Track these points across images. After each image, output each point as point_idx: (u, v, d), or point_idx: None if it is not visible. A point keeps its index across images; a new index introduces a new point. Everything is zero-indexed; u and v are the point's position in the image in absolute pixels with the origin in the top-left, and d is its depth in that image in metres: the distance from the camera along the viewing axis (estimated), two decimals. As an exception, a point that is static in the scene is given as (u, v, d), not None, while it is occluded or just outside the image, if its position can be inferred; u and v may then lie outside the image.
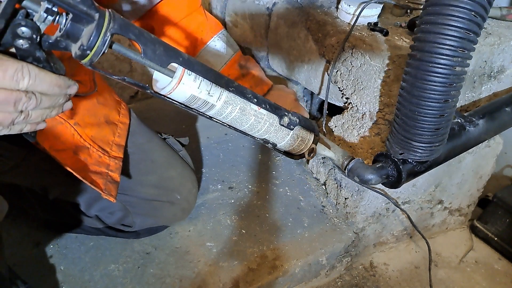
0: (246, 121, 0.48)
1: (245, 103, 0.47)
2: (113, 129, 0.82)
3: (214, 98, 0.44)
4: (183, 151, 0.98)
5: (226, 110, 0.46)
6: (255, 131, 0.50)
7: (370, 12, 0.89)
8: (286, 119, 0.52)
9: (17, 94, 0.40)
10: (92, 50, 0.36)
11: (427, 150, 0.68)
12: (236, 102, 0.46)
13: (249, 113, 0.48)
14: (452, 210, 1.21)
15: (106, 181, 0.74)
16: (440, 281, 1.09)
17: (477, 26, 0.56)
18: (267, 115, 0.50)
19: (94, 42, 0.35)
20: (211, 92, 0.44)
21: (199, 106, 0.44)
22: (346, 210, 1.03)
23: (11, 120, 0.42)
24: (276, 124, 0.51)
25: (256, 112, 0.49)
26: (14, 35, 0.36)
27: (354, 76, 0.89)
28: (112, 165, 0.77)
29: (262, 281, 0.87)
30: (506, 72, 0.94)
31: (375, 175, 0.73)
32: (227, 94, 0.45)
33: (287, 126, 0.53)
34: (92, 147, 0.75)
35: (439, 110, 0.63)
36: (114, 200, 0.73)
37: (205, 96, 0.43)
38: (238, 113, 0.47)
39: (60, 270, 0.85)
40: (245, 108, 0.47)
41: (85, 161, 0.73)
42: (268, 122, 0.50)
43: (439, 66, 0.58)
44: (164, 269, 0.87)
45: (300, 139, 0.55)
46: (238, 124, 0.48)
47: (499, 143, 1.11)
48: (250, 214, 1.03)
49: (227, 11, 1.32)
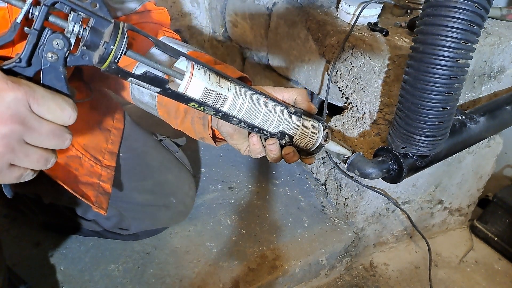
0: (259, 111, 0.49)
1: (252, 93, 0.48)
2: (106, 135, 0.80)
3: (225, 90, 0.45)
4: (179, 153, 0.96)
5: (239, 101, 0.46)
6: (269, 123, 0.50)
7: (370, 12, 0.89)
8: (291, 108, 0.53)
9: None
10: (115, 44, 0.37)
11: (430, 144, 0.68)
12: (244, 92, 0.47)
13: (259, 103, 0.49)
14: (452, 210, 1.21)
15: (98, 193, 0.72)
16: (440, 281, 1.09)
17: (480, 18, 0.56)
18: (275, 105, 0.50)
19: (115, 36, 0.37)
20: (221, 83, 0.45)
21: (214, 101, 0.45)
22: (346, 210, 1.03)
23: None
24: (285, 113, 0.51)
25: (264, 102, 0.49)
26: (45, 50, 0.37)
27: (354, 76, 0.89)
28: (104, 175, 0.75)
29: (262, 281, 0.87)
30: (506, 72, 0.94)
31: (375, 169, 0.73)
32: (234, 85, 0.46)
33: (296, 113, 0.53)
34: (84, 156, 0.73)
35: (442, 103, 0.62)
36: (104, 213, 0.71)
37: (217, 88, 0.44)
38: (250, 104, 0.48)
39: (60, 270, 0.85)
40: (254, 98, 0.48)
41: (76, 172, 0.71)
42: (278, 111, 0.50)
43: (442, 58, 0.58)
44: (164, 269, 0.87)
45: (312, 127, 0.54)
46: (252, 117, 0.49)
47: (499, 143, 1.11)
48: (250, 214, 1.03)
49: (227, 11, 1.32)
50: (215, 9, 1.40)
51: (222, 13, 1.35)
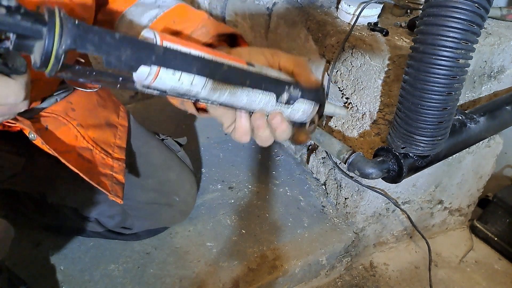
0: (238, 102, 0.44)
1: (234, 87, 0.42)
2: (114, 131, 0.82)
3: (198, 88, 0.40)
4: (181, 152, 0.97)
5: (213, 96, 0.42)
6: (250, 109, 0.46)
7: (370, 12, 0.89)
8: (285, 95, 0.46)
9: None
10: (47, 67, 0.31)
11: (430, 144, 0.68)
12: (223, 87, 0.42)
13: (240, 96, 0.43)
14: (452, 210, 1.21)
15: (112, 182, 0.73)
16: (440, 281, 1.09)
17: (480, 18, 0.56)
18: (263, 94, 0.45)
19: (47, 62, 0.30)
20: (194, 82, 0.39)
21: (183, 95, 0.40)
22: (346, 210, 1.03)
23: None
24: (272, 102, 0.46)
25: (249, 93, 0.44)
26: None
27: (354, 76, 0.89)
28: (116, 167, 0.76)
29: (262, 281, 0.87)
30: (506, 72, 0.94)
31: (375, 169, 0.73)
32: (212, 83, 0.40)
33: (286, 102, 0.46)
34: (95, 148, 0.74)
35: (442, 103, 0.62)
36: (121, 201, 0.71)
37: (188, 86, 0.39)
38: (228, 97, 0.42)
39: (60, 270, 0.85)
40: (235, 92, 0.43)
41: (89, 163, 0.72)
42: (263, 102, 0.45)
43: (442, 58, 0.58)
44: (164, 269, 0.87)
45: (302, 112, 0.49)
46: (229, 105, 0.44)
47: (499, 143, 1.11)
48: (250, 214, 1.03)
49: (227, 11, 1.32)
50: (215, 9, 1.40)
51: (222, 13, 1.35)
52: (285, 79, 0.47)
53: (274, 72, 0.46)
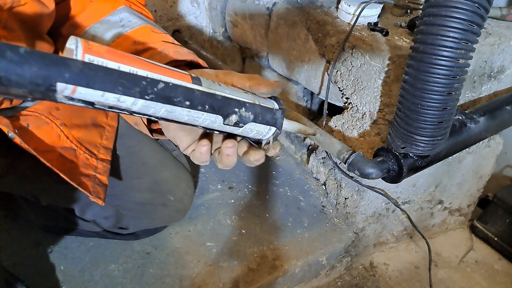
0: (179, 118, 0.39)
1: (171, 107, 0.38)
2: (101, 131, 0.79)
3: (127, 104, 0.35)
4: (176, 151, 0.95)
5: (149, 111, 0.37)
6: (195, 124, 0.42)
7: (370, 12, 0.89)
8: (234, 117, 0.42)
9: None
10: None
11: (430, 144, 0.68)
12: (158, 106, 0.37)
13: (180, 113, 0.39)
14: (452, 210, 1.21)
15: (94, 183, 0.72)
16: (440, 281, 1.09)
17: (480, 18, 0.56)
18: (206, 115, 0.40)
19: None
20: (121, 100, 0.34)
21: (112, 108, 0.35)
22: (346, 210, 1.03)
23: None
24: (219, 121, 0.42)
25: (189, 112, 0.39)
26: None
27: (354, 76, 0.89)
28: (100, 168, 0.75)
29: (262, 281, 0.87)
30: (506, 72, 0.94)
31: (375, 169, 0.73)
32: (143, 101, 0.35)
33: (234, 125, 0.43)
34: (79, 149, 0.72)
35: (442, 103, 0.62)
36: (102, 203, 0.70)
37: (114, 102, 0.34)
38: (165, 113, 0.38)
39: (60, 270, 0.85)
40: (173, 110, 0.38)
41: (71, 163, 0.70)
42: (209, 120, 0.41)
43: (442, 58, 0.58)
44: (164, 269, 0.87)
45: (255, 132, 0.46)
46: (170, 120, 0.40)
47: (499, 143, 1.11)
48: (250, 214, 1.03)
49: (227, 11, 1.32)
50: (215, 9, 1.40)
51: (222, 13, 1.36)
52: (241, 97, 0.43)
53: (227, 89, 0.42)
